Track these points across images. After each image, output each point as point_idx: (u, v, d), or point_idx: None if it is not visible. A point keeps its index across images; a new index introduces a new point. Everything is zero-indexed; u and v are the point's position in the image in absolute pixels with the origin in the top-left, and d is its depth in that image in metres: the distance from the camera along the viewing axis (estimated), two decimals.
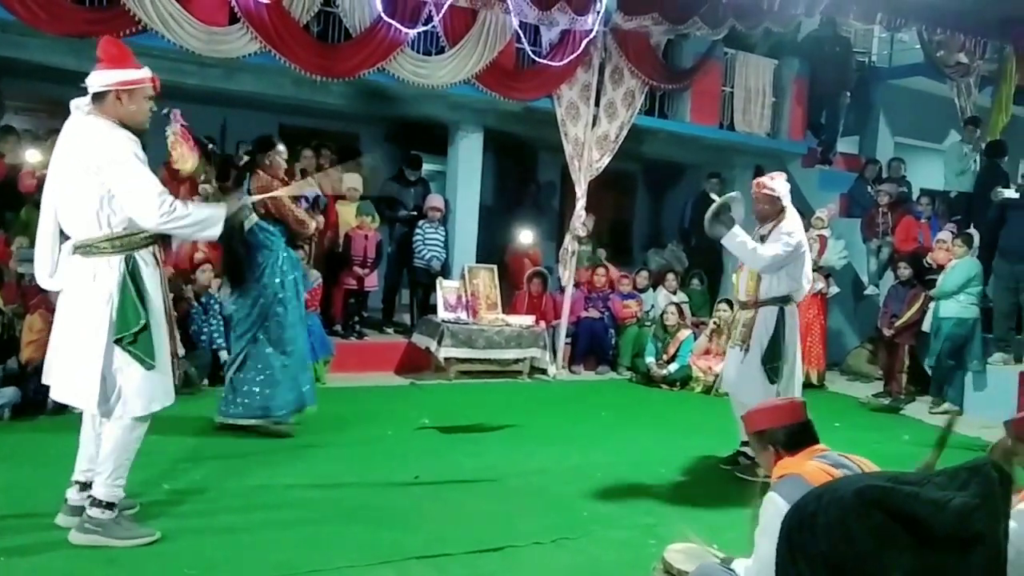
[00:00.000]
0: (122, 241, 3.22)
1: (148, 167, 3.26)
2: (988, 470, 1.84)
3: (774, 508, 2.20)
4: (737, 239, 4.80)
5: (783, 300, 4.94)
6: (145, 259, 3.29)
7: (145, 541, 3.31)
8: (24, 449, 4.45)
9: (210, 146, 5.37)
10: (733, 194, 5.09)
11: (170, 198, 3.25)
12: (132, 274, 3.21)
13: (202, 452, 4.62)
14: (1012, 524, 1.92)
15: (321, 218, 5.62)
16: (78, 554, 3.17)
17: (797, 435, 2.47)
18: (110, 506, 3.28)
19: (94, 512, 3.26)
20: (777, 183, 4.97)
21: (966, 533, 1.78)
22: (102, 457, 3.28)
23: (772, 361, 4.84)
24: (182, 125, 5.17)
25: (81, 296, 3.21)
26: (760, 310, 4.93)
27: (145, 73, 3.32)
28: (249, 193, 4.98)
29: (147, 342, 3.24)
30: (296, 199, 5.23)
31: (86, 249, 3.20)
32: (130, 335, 3.19)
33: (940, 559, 1.79)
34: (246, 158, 5.25)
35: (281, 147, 5.20)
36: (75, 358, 3.22)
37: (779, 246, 4.80)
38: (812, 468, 2.26)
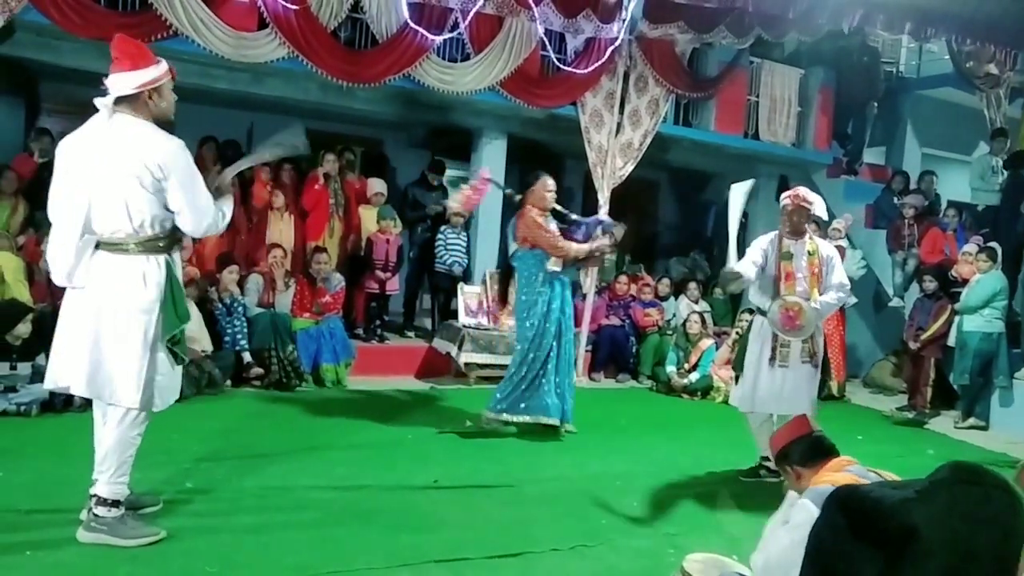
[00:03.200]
0: (155, 243, 3.27)
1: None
2: (942, 471, 1.83)
3: (807, 515, 2.19)
4: (829, 305, 4.90)
5: None
6: (176, 260, 3.42)
7: (150, 540, 3.30)
8: (51, 446, 4.51)
9: (508, 191, 5.88)
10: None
11: (221, 212, 3.43)
12: (173, 274, 3.33)
13: (224, 452, 4.66)
14: None
15: (606, 240, 5.87)
16: (102, 551, 3.20)
17: (809, 449, 2.49)
18: (115, 504, 3.30)
19: (100, 510, 3.28)
20: (815, 197, 4.98)
21: (898, 526, 1.76)
22: (104, 455, 3.31)
23: (825, 371, 4.83)
24: (486, 179, 5.79)
25: (120, 294, 3.22)
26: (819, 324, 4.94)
27: (164, 66, 3.34)
28: (518, 238, 5.64)
29: (183, 339, 3.42)
30: (572, 227, 5.79)
31: (119, 247, 3.22)
32: (179, 333, 3.34)
33: (891, 559, 1.77)
34: (519, 197, 5.69)
35: (549, 181, 5.68)
36: (114, 355, 3.22)
37: (840, 270, 4.95)
38: (844, 479, 2.26)
